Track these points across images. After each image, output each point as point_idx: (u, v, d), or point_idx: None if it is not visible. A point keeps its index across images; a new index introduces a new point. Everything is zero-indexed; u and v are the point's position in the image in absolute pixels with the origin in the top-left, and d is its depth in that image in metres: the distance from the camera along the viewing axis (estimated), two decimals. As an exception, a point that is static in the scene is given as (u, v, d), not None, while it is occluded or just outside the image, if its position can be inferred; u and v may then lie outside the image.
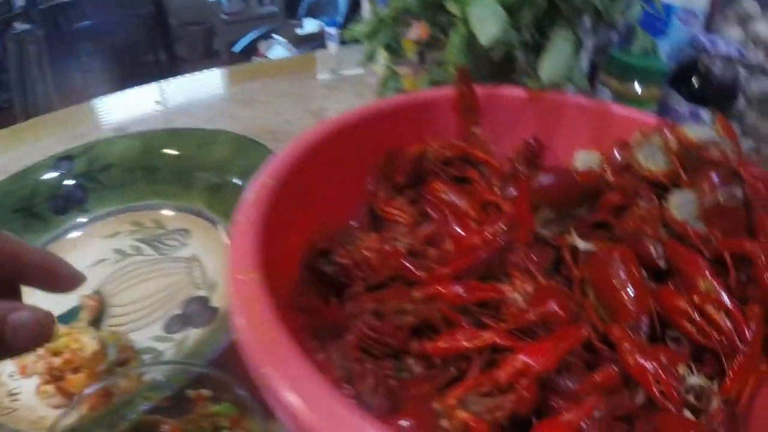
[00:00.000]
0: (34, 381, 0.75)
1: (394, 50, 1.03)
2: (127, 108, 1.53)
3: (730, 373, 0.53)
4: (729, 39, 1.12)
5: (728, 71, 1.06)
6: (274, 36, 4.46)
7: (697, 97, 1.06)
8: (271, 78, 1.65)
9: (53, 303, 0.82)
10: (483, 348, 0.52)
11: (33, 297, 0.86)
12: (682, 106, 1.07)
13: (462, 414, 0.45)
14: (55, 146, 1.17)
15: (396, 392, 0.52)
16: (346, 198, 0.73)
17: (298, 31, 4.45)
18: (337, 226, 0.70)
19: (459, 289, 0.56)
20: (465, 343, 0.52)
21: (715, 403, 0.51)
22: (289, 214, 0.59)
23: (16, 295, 0.55)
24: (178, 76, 1.76)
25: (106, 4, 5.35)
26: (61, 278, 0.58)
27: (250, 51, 4.55)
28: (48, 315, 0.48)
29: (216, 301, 0.85)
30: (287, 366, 0.39)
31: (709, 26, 1.20)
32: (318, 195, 0.67)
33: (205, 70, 1.77)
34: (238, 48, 4.63)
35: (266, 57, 4.28)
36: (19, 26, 4.92)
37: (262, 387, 0.40)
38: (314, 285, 0.63)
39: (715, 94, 1.07)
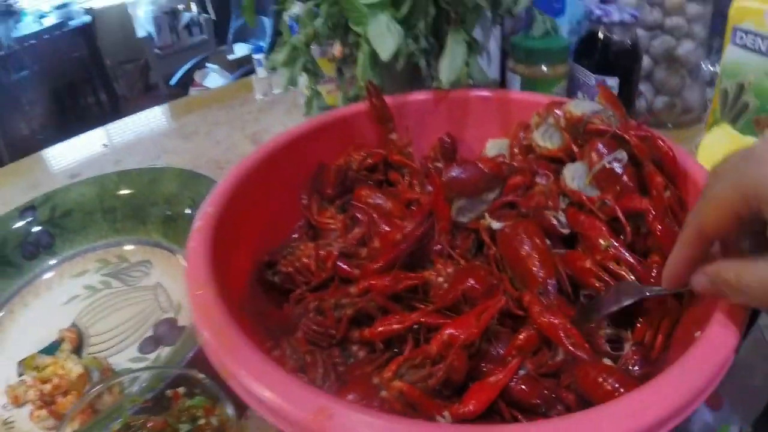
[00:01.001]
0: (26, 409, 0.79)
1: (313, 72, 1.08)
2: (76, 153, 1.55)
3: (640, 319, 0.58)
4: (624, 5, 1.14)
5: (627, 36, 1.08)
6: (208, 64, 4.46)
7: (602, 67, 1.09)
8: (209, 108, 1.67)
9: (36, 338, 0.88)
10: (414, 327, 0.58)
11: (14, 331, 0.91)
12: (589, 78, 1.10)
13: (397, 384, 0.50)
14: (15, 196, 1.22)
15: (344, 376, 0.57)
16: (284, 214, 0.78)
17: (230, 57, 4.45)
18: (279, 240, 0.76)
19: (387, 281, 0.62)
20: (397, 326, 0.58)
21: (628, 347, 0.56)
22: (233, 235, 0.65)
23: None
24: (122, 116, 1.78)
25: (42, 51, 5.30)
26: None
27: (187, 81, 4.53)
28: None
29: (183, 321, 0.89)
30: (246, 361, 0.45)
31: None
32: (259, 214, 0.72)
33: (147, 110, 1.79)
34: (174, 81, 4.61)
35: (203, 86, 4.27)
36: (-42, 81, 4.87)
37: (227, 380, 0.46)
38: (265, 293, 0.69)
39: (619, 60, 1.09)
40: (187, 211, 1.02)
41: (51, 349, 0.87)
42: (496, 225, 0.69)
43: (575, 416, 0.41)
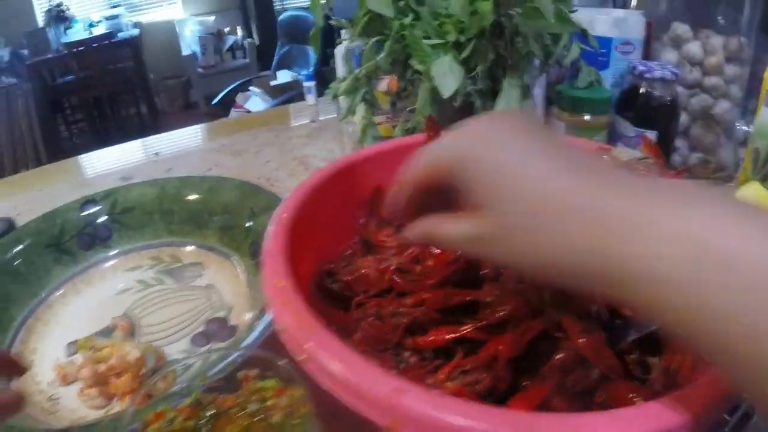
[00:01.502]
0: (73, 387, 0.83)
1: (371, 103, 1.14)
2: (125, 158, 1.63)
3: (668, 348, 0.62)
4: (666, 62, 1.18)
5: (666, 92, 1.12)
6: (251, 88, 4.54)
7: (642, 120, 1.12)
8: (257, 129, 1.74)
9: (86, 323, 0.94)
10: (463, 339, 0.63)
11: (65, 315, 0.95)
12: (629, 130, 1.14)
13: (450, 385, 0.55)
14: (63, 193, 1.29)
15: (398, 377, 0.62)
16: (340, 229, 0.83)
17: (272, 82, 4.54)
18: (334, 253, 0.81)
19: (441, 295, 0.67)
20: (449, 335, 0.63)
21: (656, 371, 0.60)
22: (302, 240, 0.69)
23: None
24: (160, 130, 1.84)
25: (89, 59, 5.42)
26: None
27: (228, 102, 4.61)
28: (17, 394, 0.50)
29: (233, 320, 0.93)
30: (326, 343, 0.50)
31: (647, 53, 1.28)
32: (321, 225, 0.77)
33: (195, 125, 1.86)
34: (216, 100, 4.69)
35: (244, 108, 4.35)
36: (6, 80, 4.97)
37: (304, 363, 0.51)
38: (323, 300, 0.74)
39: (658, 114, 1.13)
40: (247, 221, 1.06)
41: (103, 335, 0.92)
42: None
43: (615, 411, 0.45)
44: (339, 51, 1.67)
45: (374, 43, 1.07)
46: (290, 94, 4.06)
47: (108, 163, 1.65)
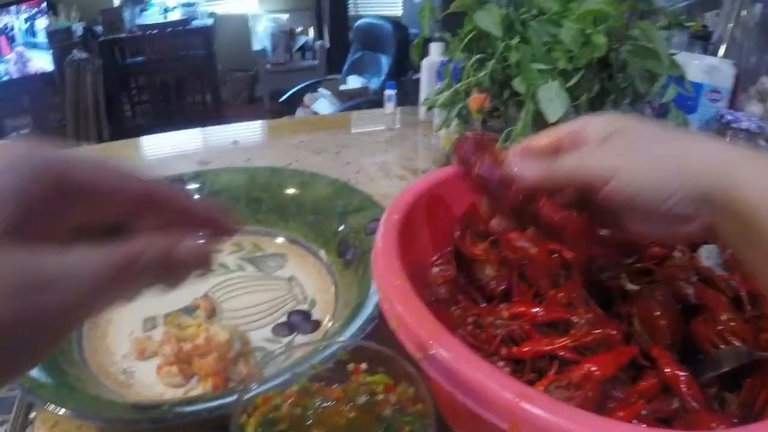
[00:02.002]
0: (149, 363, 0.85)
1: (465, 118, 1.16)
2: (201, 143, 1.69)
3: (745, 385, 0.65)
4: (751, 114, 1.20)
5: (750, 143, 1.14)
6: (320, 89, 4.59)
7: None
8: (334, 130, 1.78)
9: (164, 300, 0.94)
10: (557, 351, 0.65)
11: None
12: None
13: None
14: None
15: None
16: (435, 238, 0.86)
17: (341, 87, 4.57)
18: (428, 259, 0.84)
19: (537, 310, 0.70)
20: (546, 347, 0.65)
21: (733, 405, 0.63)
22: (408, 242, 0.73)
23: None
24: (223, 121, 1.88)
25: (161, 43, 5.51)
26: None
27: (293, 101, 4.64)
28: (207, 245, 0.47)
29: (317, 315, 0.95)
30: (450, 343, 0.53)
31: (733, 103, 1.30)
32: (419, 233, 0.80)
33: (276, 119, 1.90)
34: (283, 98, 4.73)
35: (310, 108, 4.39)
36: (78, 54, 5.07)
37: (422, 360, 0.53)
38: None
39: None
40: (337, 219, 1.08)
41: (188, 311, 0.94)
42: (630, 286, 0.76)
43: None
44: (426, 63, 1.70)
45: (476, 61, 1.09)
46: (358, 100, 4.10)
47: (176, 146, 1.70)
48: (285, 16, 6.42)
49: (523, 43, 1.00)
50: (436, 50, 1.69)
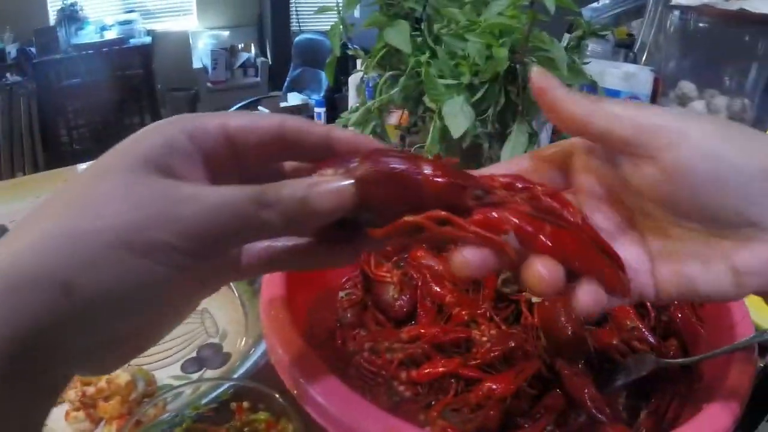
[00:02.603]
0: (58, 409, 0.81)
1: (380, 136, 1.16)
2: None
3: (654, 394, 0.66)
4: None
5: None
6: (260, 107, 4.56)
7: None
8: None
9: None
10: (456, 372, 0.65)
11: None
12: None
13: (441, 422, 0.58)
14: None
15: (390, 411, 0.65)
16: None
17: (282, 104, 4.56)
18: (334, 283, 0.83)
19: (436, 331, 0.70)
20: (442, 369, 0.65)
21: (643, 415, 0.65)
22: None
23: None
24: None
25: (98, 63, 5.41)
26: None
27: (234, 120, 4.60)
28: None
29: (228, 347, 0.94)
30: (320, 377, 0.52)
31: None
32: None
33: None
34: (223, 117, 4.68)
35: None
36: (11, 77, 4.97)
37: (298, 396, 0.53)
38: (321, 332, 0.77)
39: None
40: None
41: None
42: (535, 299, 0.76)
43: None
44: (353, 80, 1.70)
45: (389, 77, 1.09)
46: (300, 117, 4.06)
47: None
48: (226, 33, 6.37)
49: (433, 57, 1.01)
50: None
